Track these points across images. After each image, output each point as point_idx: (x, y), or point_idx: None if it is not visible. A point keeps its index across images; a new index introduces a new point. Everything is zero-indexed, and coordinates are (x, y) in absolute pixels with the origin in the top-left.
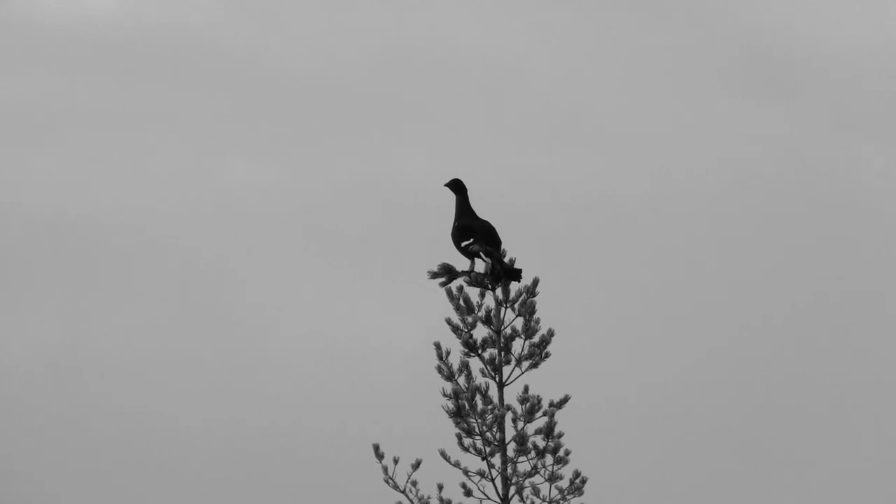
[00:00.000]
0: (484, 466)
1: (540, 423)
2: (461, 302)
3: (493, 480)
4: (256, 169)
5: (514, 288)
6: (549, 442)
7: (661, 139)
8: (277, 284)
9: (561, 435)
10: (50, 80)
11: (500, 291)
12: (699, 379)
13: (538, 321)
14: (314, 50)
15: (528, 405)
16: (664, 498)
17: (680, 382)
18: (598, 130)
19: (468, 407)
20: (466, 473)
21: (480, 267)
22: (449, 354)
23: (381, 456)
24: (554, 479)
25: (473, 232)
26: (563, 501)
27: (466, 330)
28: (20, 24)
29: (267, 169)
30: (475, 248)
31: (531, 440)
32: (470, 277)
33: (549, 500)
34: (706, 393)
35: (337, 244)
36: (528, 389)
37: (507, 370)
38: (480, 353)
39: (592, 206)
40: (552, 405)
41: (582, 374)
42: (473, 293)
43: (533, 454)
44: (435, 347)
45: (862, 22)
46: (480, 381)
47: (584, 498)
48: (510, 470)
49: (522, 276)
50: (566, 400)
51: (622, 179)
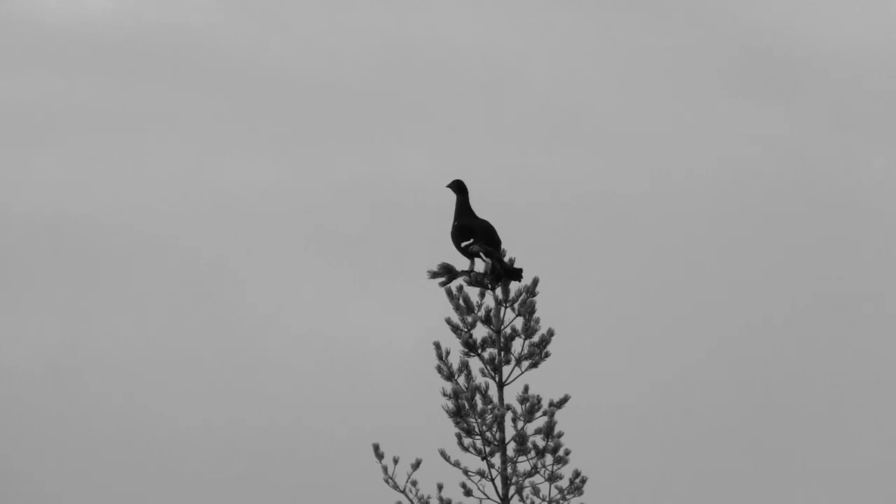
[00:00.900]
0: (484, 466)
1: (540, 422)
2: (461, 302)
3: (492, 480)
4: (256, 169)
5: (513, 288)
6: (548, 441)
7: (661, 139)
8: (277, 284)
9: (561, 434)
10: (50, 80)
11: (499, 291)
12: (699, 379)
13: (538, 321)
14: (314, 50)
15: (527, 405)
16: (664, 498)
17: (680, 382)
18: (598, 130)
19: (468, 407)
20: (466, 473)
21: (480, 267)
22: (449, 354)
23: (380, 456)
24: (554, 478)
25: (473, 232)
26: (562, 501)
27: (466, 330)
28: (20, 24)
29: (267, 169)
30: (475, 248)
31: (531, 440)
32: (470, 277)
33: (548, 499)
34: (706, 393)
35: (337, 244)
36: (527, 389)
37: (506, 370)
38: (480, 352)
39: (592, 206)
40: (552, 405)
41: (582, 373)
42: (473, 293)
43: (533, 454)
44: (435, 347)
45: (862, 22)
46: (480, 380)
47: (583, 497)
48: (510, 469)
49: (522, 275)
50: (566, 400)
51: (622, 179)
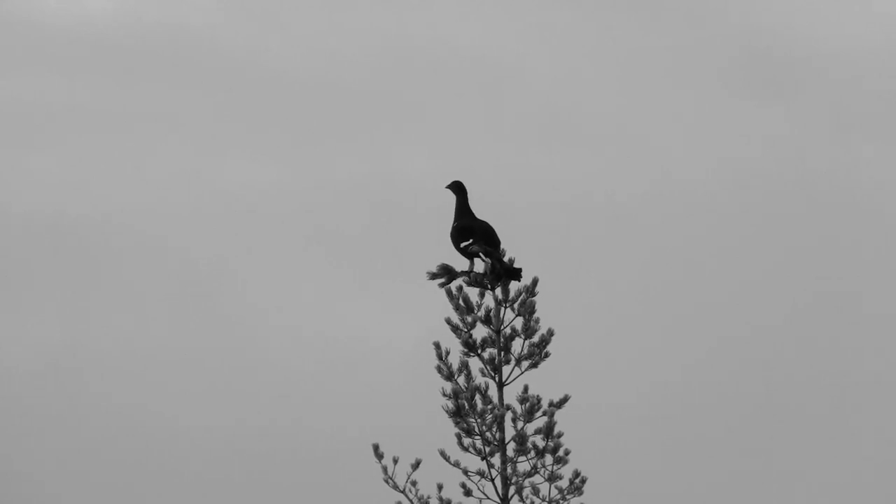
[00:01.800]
0: (484, 466)
1: (539, 422)
2: (461, 302)
3: (492, 480)
4: (256, 169)
5: (513, 288)
6: (548, 442)
7: (660, 139)
8: (277, 284)
9: (560, 435)
10: (49, 80)
11: (499, 291)
12: (699, 379)
13: (538, 321)
14: (314, 50)
15: (527, 405)
16: (664, 498)
17: (680, 382)
18: (598, 130)
19: (468, 407)
20: (466, 473)
21: (480, 267)
22: (449, 354)
23: (380, 456)
24: (553, 478)
25: (473, 232)
26: (562, 501)
27: (466, 330)
28: (20, 24)
29: (267, 169)
30: (474, 248)
31: (531, 440)
32: (469, 277)
33: (548, 499)
34: (706, 393)
35: (337, 244)
36: (527, 389)
37: (506, 370)
38: (480, 352)
39: (592, 206)
40: (552, 405)
41: (581, 373)
42: (473, 293)
43: (532, 454)
44: (435, 347)
45: (862, 22)
46: (480, 380)
47: (583, 498)
48: (510, 470)
49: (522, 275)
50: (566, 400)
51: (622, 179)
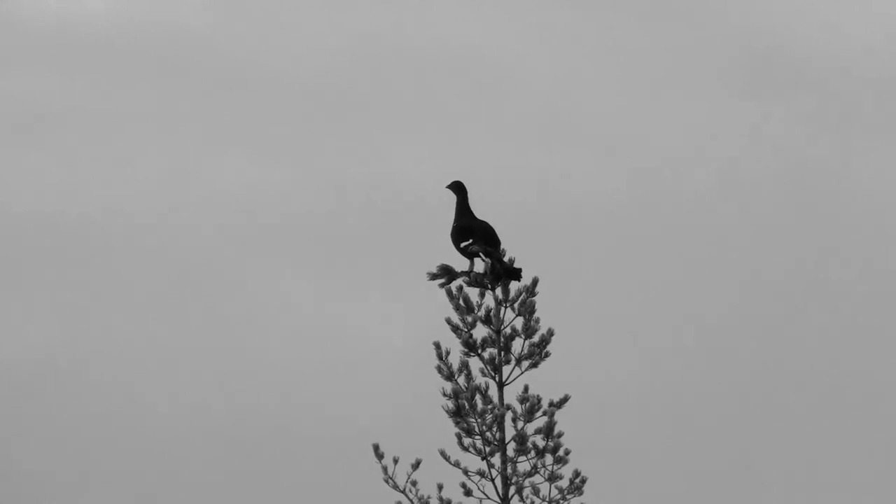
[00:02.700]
0: (484, 466)
1: (540, 422)
2: (461, 302)
3: (492, 480)
4: (256, 169)
5: (513, 287)
6: (548, 441)
7: (660, 139)
8: (277, 284)
9: (561, 435)
10: (48, 79)
11: (499, 291)
12: (700, 379)
13: (538, 321)
14: (314, 50)
15: (527, 405)
16: (664, 498)
17: (681, 382)
18: (598, 130)
19: (468, 407)
20: (466, 473)
21: (480, 267)
22: (449, 354)
23: (380, 456)
24: (554, 478)
25: (473, 232)
26: (562, 501)
27: (466, 330)
28: (20, 24)
29: (266, 169)
30: (474, 248)
31: (531, 440)
32: (469, 277)
33: (548, 499)
34: (707, 392)
35: (336, 244)
36: (527, 389)
37: (506, 370)
38: (480, 352)
39: (592, 205)
40: (552, 405)
41: (582, 373)
42: (473, 293)
43: (533, 454)
44: (435, 347)
45: (861, 22)
46: (480, 380)
47: (583, 497)
48: (510, 469)
49: (522, 275)
50: (566, 399)
51: (621, 179)
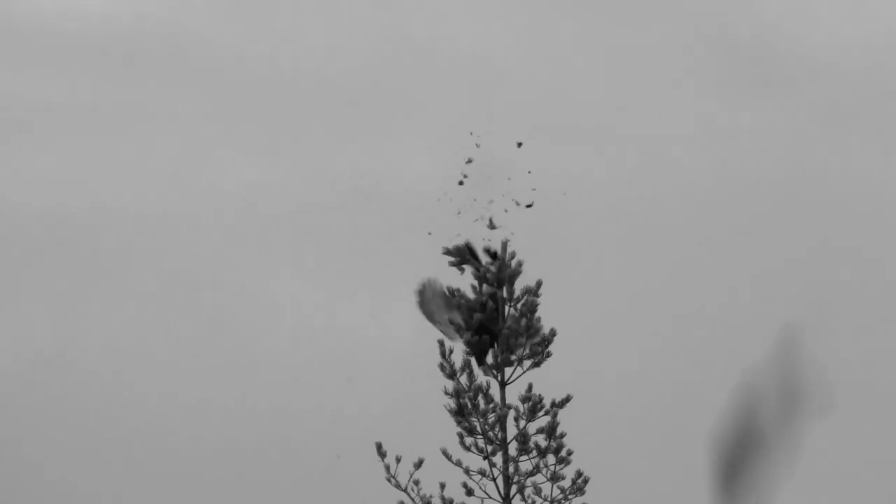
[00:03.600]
0: (486, 466)
1: (542, 422)
2: (463, 301)
3: (494, 480)
4: (255, 169)
5: (516, 287)
6: (551, 441)
7: (659, 139)
8: (277, 284)
9: (563, 435)
10: (48, 79)
11: (504, 290)
12: (701, 379)
13: (539, 320)
14: (312, 49)
15: (530, 404)
16: (665, 498)
17: (682, 382)
18: (596, 130)
19: (470, 406)
20: (468, 473)
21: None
22: (452, 353)
23: (383, 454)
24: (556, 478)
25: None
26: (565, 501)
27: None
28: (20, 23)
29: (266, 169)
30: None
31: (533, 439)
32: (482, 267)
33: (550, 499)
34: (709, 393)
35: (336, 244)
36: (530, 388)
37: (508, 369)
38: None
39: (591, 205)
40: (554, 405)
41: (584, 373)
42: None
43: (535, 453)
44: (438, 345)
45: (861, 21)
46: (482, 380)
47: (585, 498)
48: (512, 469)
49: (523, 275)
50: (568, 399)
51: (620, 179)
